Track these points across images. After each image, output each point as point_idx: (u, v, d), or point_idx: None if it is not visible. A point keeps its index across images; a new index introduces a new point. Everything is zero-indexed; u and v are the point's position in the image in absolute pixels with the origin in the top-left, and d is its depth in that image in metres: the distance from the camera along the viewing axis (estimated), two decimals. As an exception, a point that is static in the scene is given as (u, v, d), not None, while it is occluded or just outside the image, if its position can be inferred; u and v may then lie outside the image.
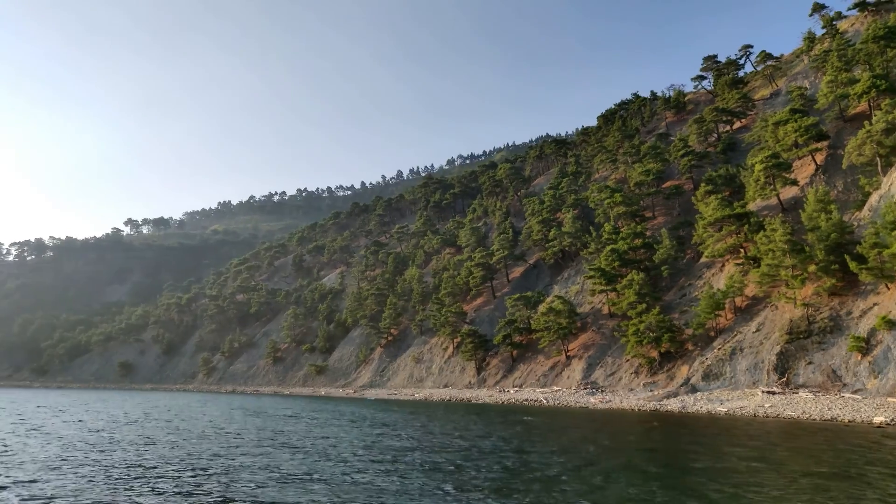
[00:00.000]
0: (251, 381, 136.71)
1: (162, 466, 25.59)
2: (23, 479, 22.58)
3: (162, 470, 24.75)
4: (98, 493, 20.35)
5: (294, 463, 26.58)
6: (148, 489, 20.98)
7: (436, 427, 43.46)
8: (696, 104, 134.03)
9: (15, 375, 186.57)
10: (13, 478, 22.92)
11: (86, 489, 20.91)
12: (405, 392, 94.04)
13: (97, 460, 27.20)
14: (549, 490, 20.67)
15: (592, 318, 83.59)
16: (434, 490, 20.81)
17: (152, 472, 24.41)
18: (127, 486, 21.39)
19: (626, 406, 54.15)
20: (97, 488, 21.03)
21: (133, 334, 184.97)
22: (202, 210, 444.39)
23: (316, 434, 38.53)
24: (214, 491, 20.66)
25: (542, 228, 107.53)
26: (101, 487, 21.18)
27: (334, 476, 23.42)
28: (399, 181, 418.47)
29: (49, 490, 20.81)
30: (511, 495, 20.03)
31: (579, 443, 33.96)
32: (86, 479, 22.50)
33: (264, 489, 20.98)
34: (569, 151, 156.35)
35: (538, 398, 67.87)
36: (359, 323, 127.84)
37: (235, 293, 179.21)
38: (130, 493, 20.33)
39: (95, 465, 25.65)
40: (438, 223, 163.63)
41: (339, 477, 23.21)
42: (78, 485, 21.60)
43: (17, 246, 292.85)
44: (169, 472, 24.14)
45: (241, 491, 20.65)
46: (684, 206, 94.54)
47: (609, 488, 20.99)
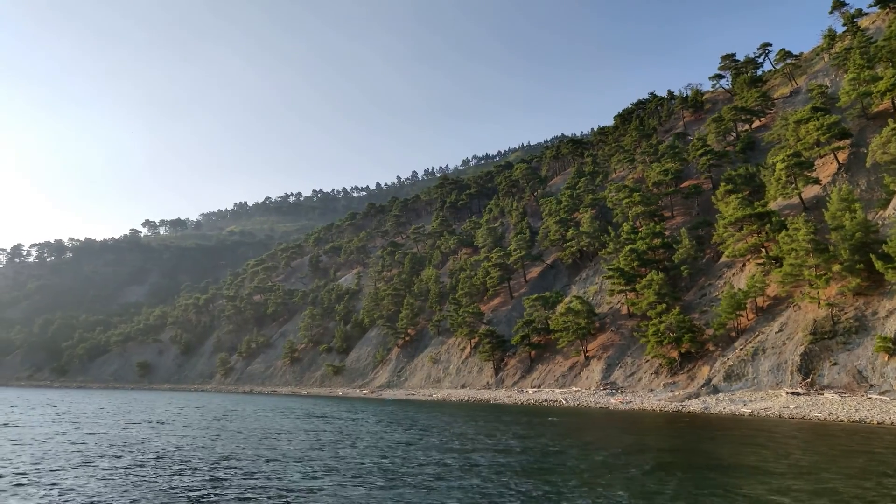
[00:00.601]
0: (268, 382, 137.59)
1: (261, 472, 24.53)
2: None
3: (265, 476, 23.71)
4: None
5: (389, 467, 25.50)
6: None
7: (477, 428, 42.45)
8: (714, 103, 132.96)
9: (35, 375, 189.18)
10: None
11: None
12: (423, 392, 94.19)
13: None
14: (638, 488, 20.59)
15: (611, 319, 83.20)
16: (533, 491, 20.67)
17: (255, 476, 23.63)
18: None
19: (648, 407, 53.85)
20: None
21: (151, 335, 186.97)
22: (218, 211, 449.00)
23: (370, 435, 37.74)
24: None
25: (559, 228, 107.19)
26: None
27: (427, 479, 22.81)
28: (414, 182, 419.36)
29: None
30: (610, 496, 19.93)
31: (630, 443, 33.08)
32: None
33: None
34: (585, 151, 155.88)
35: (558, 399, 67.68)
36: (376, 323, 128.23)
37: (252, 294, 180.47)
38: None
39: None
40: (454, 223, 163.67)
41: (434, 480, 22.65)
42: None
43: (37, 247, 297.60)
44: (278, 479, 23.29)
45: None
46: (703, 205, 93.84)
47: (671, 491, 20.62)
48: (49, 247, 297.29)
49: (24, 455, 29.20)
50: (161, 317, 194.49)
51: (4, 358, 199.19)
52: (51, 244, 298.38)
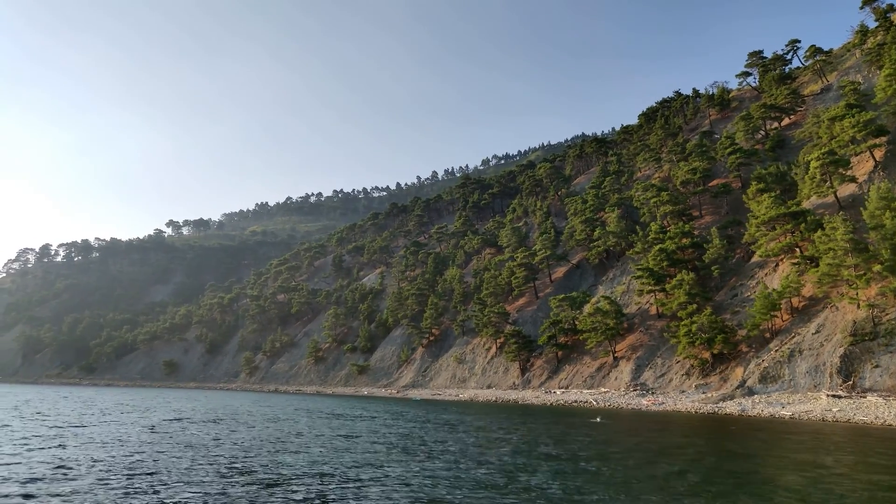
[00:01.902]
0: (293, 381, 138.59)
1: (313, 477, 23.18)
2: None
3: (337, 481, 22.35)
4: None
5: (457, 470, 24.54)
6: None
7: (544, 431, 41.42)
8: (741, 101, 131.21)
9: (64, 373, 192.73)
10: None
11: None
12: (449, 392, 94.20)
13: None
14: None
15: (640, 319, 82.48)
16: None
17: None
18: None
19: (682, 408, 53.26)
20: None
21: (177, 333, 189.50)
22: (240, 211, 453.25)
23: (420, 437, 36.53)
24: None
25: (585, 228, 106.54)
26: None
27: (514, 483, 22.05)
28: (434, 182, 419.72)
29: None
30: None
31: (693, 447, 31.95)
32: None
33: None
34: (609, 150, 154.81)
35: (587, 399, 67.25)
36: (400, 323, 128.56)
37: (276, 293, 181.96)
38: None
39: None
40: (477, 223, 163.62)
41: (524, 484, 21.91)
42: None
43: (65, 247, 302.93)
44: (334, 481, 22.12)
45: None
46: (732, 204, 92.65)
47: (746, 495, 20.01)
48: (76, 247, 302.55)
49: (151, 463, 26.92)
50: (186, 316, 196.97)
51: (35, 356, 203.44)
52: (78, 244, 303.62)
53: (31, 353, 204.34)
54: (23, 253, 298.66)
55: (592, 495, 19.93)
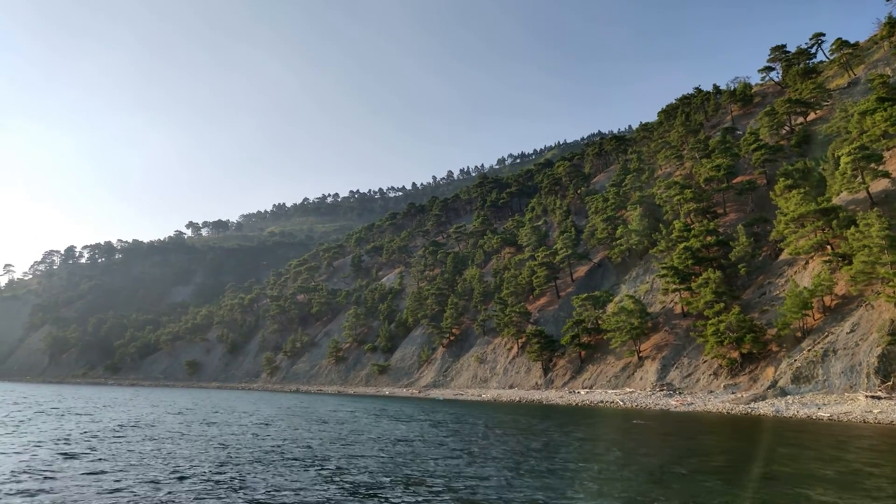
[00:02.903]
0: (314, 381, 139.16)
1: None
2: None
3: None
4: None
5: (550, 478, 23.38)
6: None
7: (590, 433, 40.54)
8: (763, 96, 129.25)
9: (90, 373, 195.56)
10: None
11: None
12: (471, 392, 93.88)
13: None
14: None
15: (664, 318, 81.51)
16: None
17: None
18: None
19: (712, 409, 52.42)
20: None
21: (199, 334, 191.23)
22: (258, 212, 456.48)
23: (473, 439, 35.40)
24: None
25: (606, 226, 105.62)
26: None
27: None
28: (450, 181, 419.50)
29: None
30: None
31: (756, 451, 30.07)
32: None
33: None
34: (629, 148, 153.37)
35: (613, 400, 66.56)
36: (420, 322, 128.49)
37: (296, 293, 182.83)
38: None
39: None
40: (496, 222, 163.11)
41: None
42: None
43: (89, 249, 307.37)
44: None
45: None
46: (758, 201, 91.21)
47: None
48: (100, 248, 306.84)
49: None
50: (208, 316, 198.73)
51: (61, 356, 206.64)
52: (101, 246, 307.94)
53: (58, 353, 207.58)
54: (48, 255, 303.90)
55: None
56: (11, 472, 22.31)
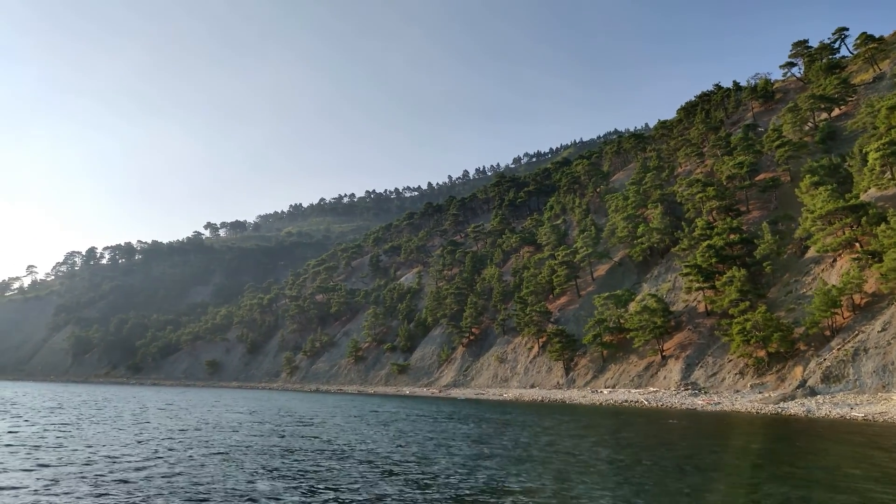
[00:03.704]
0: (334, 380, 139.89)
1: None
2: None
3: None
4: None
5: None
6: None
7: (640, 434, 39.51)
8: (785, 93, 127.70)
9: (112, 372, 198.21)
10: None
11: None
12: (492, 392, 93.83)
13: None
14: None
15: (688, 317, 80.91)
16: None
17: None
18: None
19: (740, 409, 51.89)
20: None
21: (219, 334, 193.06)
22: (275, 213, 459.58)
23: (524, 441, 34.44)
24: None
25: (627, 225, 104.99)
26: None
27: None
28: (465, 181, 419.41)
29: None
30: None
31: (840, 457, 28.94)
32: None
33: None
34: (648, 146, 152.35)
35: (638, 399, 66.17)
36: (439, 322, 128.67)
37: (315, 293, 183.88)
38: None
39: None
40: (514, 221, 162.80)
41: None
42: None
43: (109, 250, 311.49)
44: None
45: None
46: (782, 198, 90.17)
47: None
48: (120, 249, 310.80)
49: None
50: (227, 316, 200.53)
51: (84, 356, 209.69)
52: (122, 247, 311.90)
53: (81, 352, 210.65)
54: (70, 256, 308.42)
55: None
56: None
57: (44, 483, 20.10)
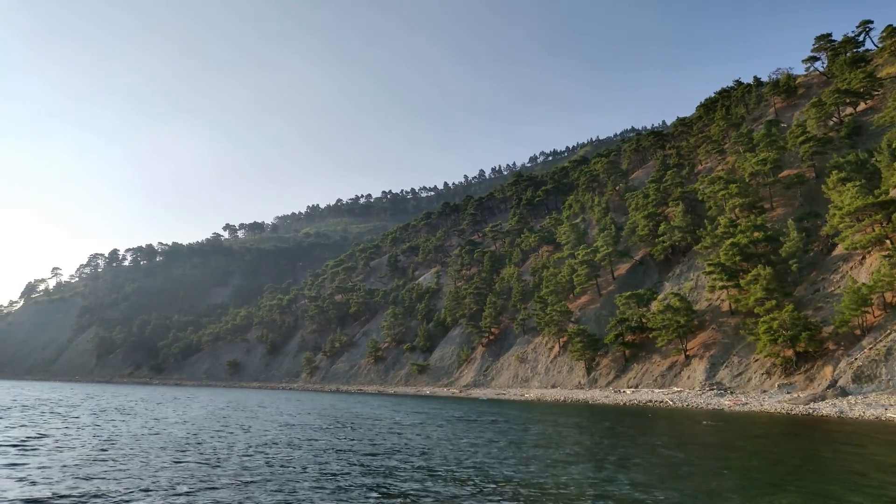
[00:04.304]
0: (353, 381, 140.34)
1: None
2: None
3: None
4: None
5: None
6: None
7: (698, 437, 37.69)
8: (808, 87, 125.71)
9: (136, 373, 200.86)
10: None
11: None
12: (513, 392, 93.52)
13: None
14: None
15: (711, 316, 79.92)
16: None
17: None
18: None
19: (769, 409, 51.12)
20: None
21: (239, 334, 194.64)
22: (292, 214, 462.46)
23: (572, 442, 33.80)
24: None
25: (648, 223, 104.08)
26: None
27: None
28: (482, 180, 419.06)
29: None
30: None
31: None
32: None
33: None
34: (667, 143, 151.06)
35: (662, 399, 65.52)
36: (458, 322, 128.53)
37: (334, 294, 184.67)
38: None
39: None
40: (532, 220, 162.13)
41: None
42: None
43: (131, 252, 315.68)
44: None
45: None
46: (807, 195, 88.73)
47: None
48: (142, 251, 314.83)
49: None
50: (247, 317, 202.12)
51: (108, 356, 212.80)
52: (143, 249, 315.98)
53: (105, 353, 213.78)
54: (93, 258, 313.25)
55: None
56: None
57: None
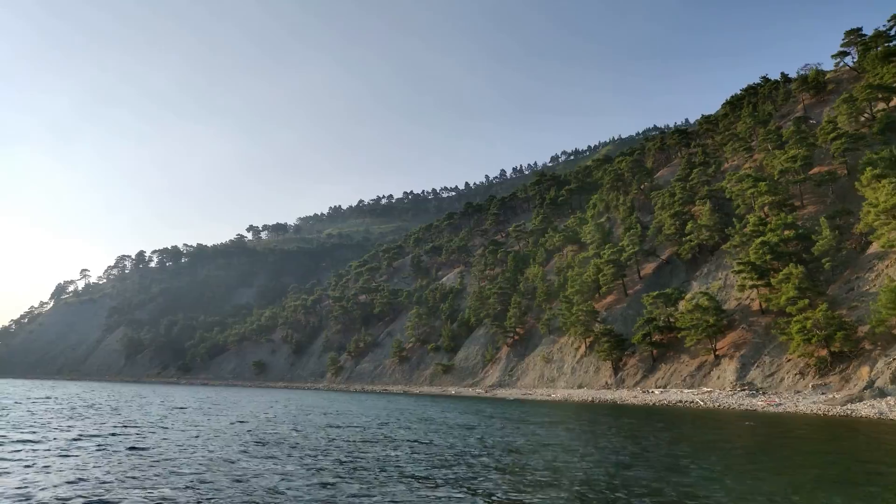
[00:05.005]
0: (378, 380, 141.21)
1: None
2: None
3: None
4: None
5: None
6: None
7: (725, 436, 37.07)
8: (837, 83, 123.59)
9: (163, 373, 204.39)
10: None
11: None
12: (539, 392, 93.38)
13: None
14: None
15: (741, 315, 79.05)
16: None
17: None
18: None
19: (805, 410, 50.44)
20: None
21: (264, 334, 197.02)
22: (314, 215, 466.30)
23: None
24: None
25: (674, 222, 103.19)
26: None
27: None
28: (503, 180, 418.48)
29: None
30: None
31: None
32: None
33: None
34: (692, 141, 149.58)
35: (692, 399, 64.98)
36: (482, 322, 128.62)
37: (358, 294, 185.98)
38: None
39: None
40: (555, 220, 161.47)
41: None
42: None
43: (158, 253, 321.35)
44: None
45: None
46: (838, 192, 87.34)
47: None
48: (167, 253, 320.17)
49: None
50: (272, 317, 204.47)
51: (136, 356, 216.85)
52: (169, 250, 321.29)
53: (133, 353, 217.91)
54: (120, 260, 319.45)
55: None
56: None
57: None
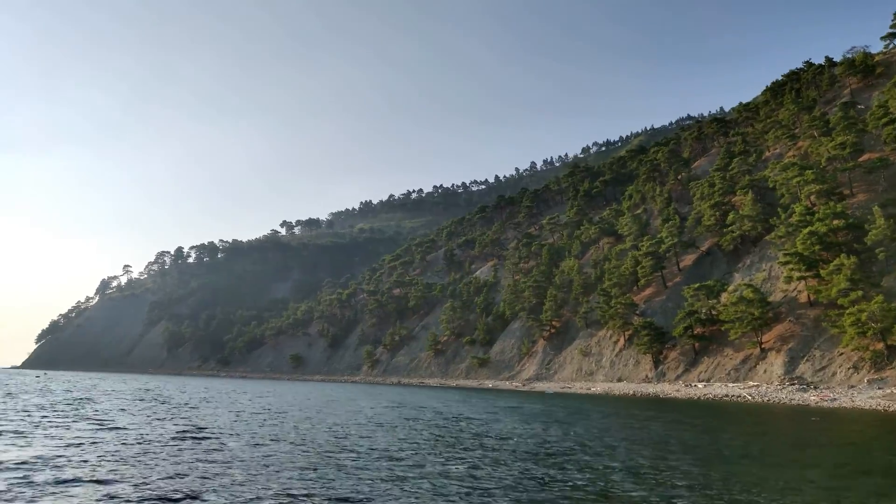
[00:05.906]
0: (414, 374, 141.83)
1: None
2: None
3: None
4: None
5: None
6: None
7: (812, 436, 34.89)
8: (887, 66, 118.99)
9: (203, 366, 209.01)
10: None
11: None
12: (578, 386, 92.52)
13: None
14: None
15: (787, 308, 76.91)
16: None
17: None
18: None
19: (862, 405, 48.80)
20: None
21: (300, 328, 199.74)
22: (346, 210, 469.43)
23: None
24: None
25: (714, 213, 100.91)
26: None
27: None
28: (533, 173, 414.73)
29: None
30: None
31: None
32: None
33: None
34: (731, 130, 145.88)
35: (739, 394, 63.55)
36: (517, 315, 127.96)
37: (392, 288, 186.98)
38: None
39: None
40: (590, 212, 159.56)
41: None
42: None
43: (195, 249, 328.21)
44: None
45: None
46: (891, 179, 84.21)
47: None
48: (204, 248, 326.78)
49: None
50: (307, 311, 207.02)
51: (177, 350, 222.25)
52: (206, 246, 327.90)
53: (174, 346, 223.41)
54: (160, 256, 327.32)
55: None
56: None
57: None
